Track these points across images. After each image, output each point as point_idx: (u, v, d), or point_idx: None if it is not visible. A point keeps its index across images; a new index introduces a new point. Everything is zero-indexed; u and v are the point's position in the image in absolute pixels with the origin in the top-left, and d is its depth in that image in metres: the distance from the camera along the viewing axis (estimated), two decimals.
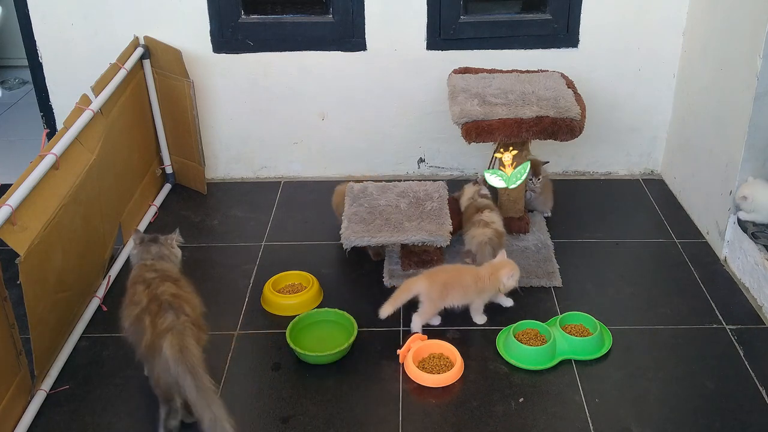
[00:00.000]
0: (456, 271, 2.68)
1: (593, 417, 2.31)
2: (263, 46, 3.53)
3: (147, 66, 3.41)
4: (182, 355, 2.11)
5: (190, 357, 2.11)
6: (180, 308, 2.24)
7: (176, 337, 2.14)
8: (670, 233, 3.28)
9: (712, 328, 2.69)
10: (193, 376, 2.08)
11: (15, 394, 2.27)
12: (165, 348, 2.12)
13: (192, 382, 2.07)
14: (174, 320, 2.19)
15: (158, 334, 2.16)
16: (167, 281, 2.33)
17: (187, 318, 2.22)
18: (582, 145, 3.67)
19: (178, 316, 2.20)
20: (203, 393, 2.07)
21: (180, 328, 2.17)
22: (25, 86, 5.07)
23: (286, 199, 3.63)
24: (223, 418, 2.05)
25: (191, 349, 2.13)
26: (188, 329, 2.19)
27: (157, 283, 2.31)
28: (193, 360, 2.11)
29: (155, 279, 2.33)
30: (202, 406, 2.06)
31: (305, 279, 2.92)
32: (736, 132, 2.92)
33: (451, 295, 2.63)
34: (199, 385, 2.07)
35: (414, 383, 2.45)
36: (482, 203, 2.99)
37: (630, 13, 3.45)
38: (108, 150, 2.94)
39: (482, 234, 2.85)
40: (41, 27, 3.47)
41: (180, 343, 2.13)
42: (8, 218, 2.20)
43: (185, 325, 2.19)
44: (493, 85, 3.17)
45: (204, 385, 2.08)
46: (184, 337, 2.16)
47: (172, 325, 2.17)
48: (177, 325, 2.18)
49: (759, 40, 2.73)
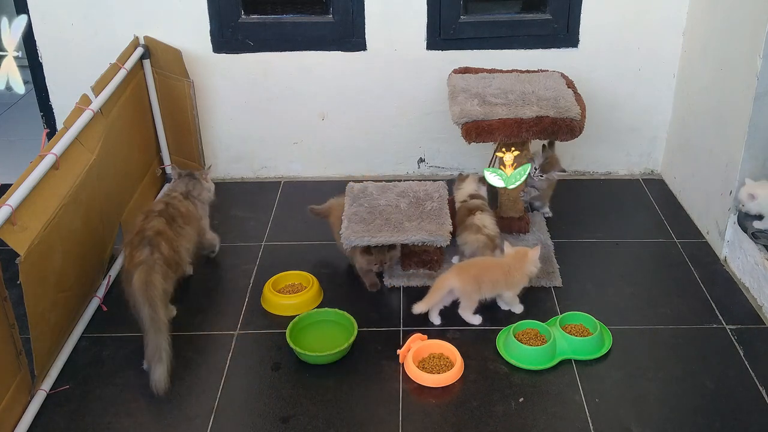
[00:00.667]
0: (484, 265, 2.71)
1: (593, 417, 2.31)
2: (263, 46, 3.53)
3: (147, 66, 3.41)
4: (146, 289, 2.44)
5: (152, 291, 2.44)
6: (157, 245, 2.56)
7: (144, 272, 2.47)
8: (670, 233, 3.28)
9: (712, 328, 2.69)
10: (150, 307, 2.41)
11: (15, 394, 2.27)
12: (134, 281, 2.45)
13: (148, 313, 2.40)
14: (148, 256, 2.52)
15: (133, 265, 2.50)
16: (162, 217, 2.67)
17: (161, 256, 2.55)
18: (582, 145, 3.67)
19: (152, 252, 2.53)
20: (155, 324, 2.39)
21: (150, 263, 2.50)
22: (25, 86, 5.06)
23: (286, 199, 3.63)
24: (163, 348, 2.38)
25: (155, 284, 2.46)
26: (158, 265, 2.51)
27: (152, 217, 2.65)
28: (153, 294, 2.43)
29: (153, 213, 2.68)
30: (150, 334, 2.39)
31: (305, 279, 2.92)
32: (736, 132, 2.92)
33: (483, 289, 2.67)
34: (153, 316, 2.40)
35: (414, 383, 2.45)
36: (474, 204, 2.98)
37: (630, 13, 3.45)
38: (108, 150, 2.94)
39: (475, 240, 2.86)
40: (41, 27, 3.47)
41: (146, 278, 2.46)
42: (8, 218, 2.20)
43: (156, 262, 2.52)
44: (493, 85, 3.17)
45: (158, 318, 2.40)
46: (152, 272, 2.48)
47: (144, 260, 2.50)
48: (149, 260, 2.51)
49: (759, 40, 2.73)
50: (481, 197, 3.04)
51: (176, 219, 2.74)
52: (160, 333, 2.39)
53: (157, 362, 2.37)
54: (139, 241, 2.57)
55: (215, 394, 2.42)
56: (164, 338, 2.39)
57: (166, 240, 2.62)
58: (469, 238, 2.88)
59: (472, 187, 3.07)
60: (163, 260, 2.56)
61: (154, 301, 2.42)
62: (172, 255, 2.62)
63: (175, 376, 2.49)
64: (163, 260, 2.55)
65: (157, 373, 2.37)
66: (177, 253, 2.68)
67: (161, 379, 2.37)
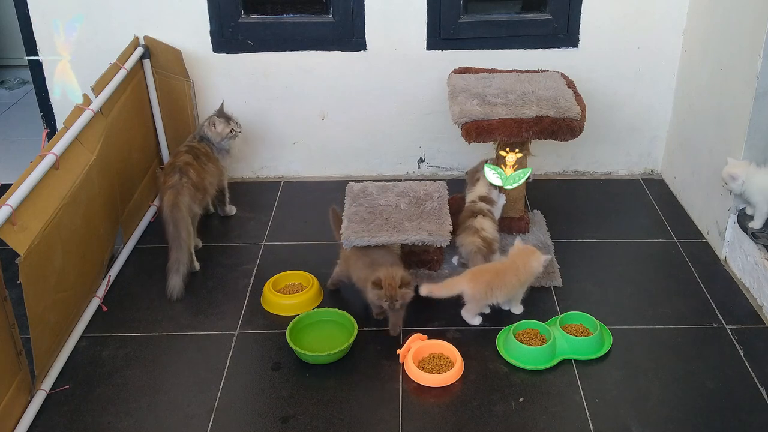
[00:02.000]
0: (497, 271, 2.70)
1: (593, 417, 2.31)
2: (263, 46, 3.53)
3: (147, 66, 3.41)
4: (172, 210, 2.84)
5: (176, 213, 2.84)
6: (186, 172, 2.96)
7: (172, 195, 2.87)
8: (670, 233, 3.28)
9: (712, 328, 2.69)
10: (174, 227, 2.82)
11: (15, 394, 2.27)
12: (164, 201, 2.88)
13: (171, 231, 2.82)
14: (177, 180, 2.91)
15: (165, 188, 2.91)
16: (189, 154, 3.06)
17: (189, 180, 2.94)
18: (582, 145, 3.67)
19: (181, 177, 2.92)
20: (176, 242, 2.81)
21: (178, 187, 2.89)
22: (25, 86, 5.07)
23: (286, 199, 3.63)
24: (182, 262, 2.81)
25: (180, 206, 2.86)
26: (186, 188, 2.91)
27: (181, 154, 3.06)
28: (177, 215, 2.84)
29: (182, 152, 3.07)
30: (173, 250, 2.82)
31: (305, 279, 2.92)
32: (736, 132, 2.92)
33: (495, 295, 2.67)
34: (175, 235, 2.82)
35: (414, 383, 2.45)
36: (479, 207, 2.96)
37: (630, 13, 3.46)
38: (108, 150, 2.94)
39: (471, 243, 2.85)
40: (41, 27, 3.47)
41: (174, 200, 2.86)
42: (8, 218, 2.20)
43: (184, 185, 2.91)
44: (493, 84, 3.18)
45: (179, 236, 2.82)
46: (179, 195, 2.87)
47: (173, 184, 2.89)
48: (177, 184, 2.90)
49: (759, 40, 2.73)
50: (490, 201, 3.01)
51: (200, 157, 3.11)
52: (180, 250, 2.80)
53: (174, 273, 2.79)
54: (171, 169, 2.97)
55: (215, 393, 2.42)
56: (184, 254, 2.81)
57: (194, 169, 3.01)
58: (466, 240, 2.87)
59: (483, 190, 3.04)
60: (192, 184, 2.95)
61: (177, 222, 2.82)
62: (199, 181, 3.01)
63: (176, 376, 2.49)
64: (191, 183, 2.94)
65: (173, 282, 2.79)
66: (203, 181, 3.06)
67: (175, 286, 2.79)
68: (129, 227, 3.22)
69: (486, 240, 2.86)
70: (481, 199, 3.00)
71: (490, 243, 2.87)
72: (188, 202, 2.91)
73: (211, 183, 3.16)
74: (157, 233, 3.30)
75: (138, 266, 3.09)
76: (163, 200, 2.89)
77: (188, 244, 2.86)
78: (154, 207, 3.48)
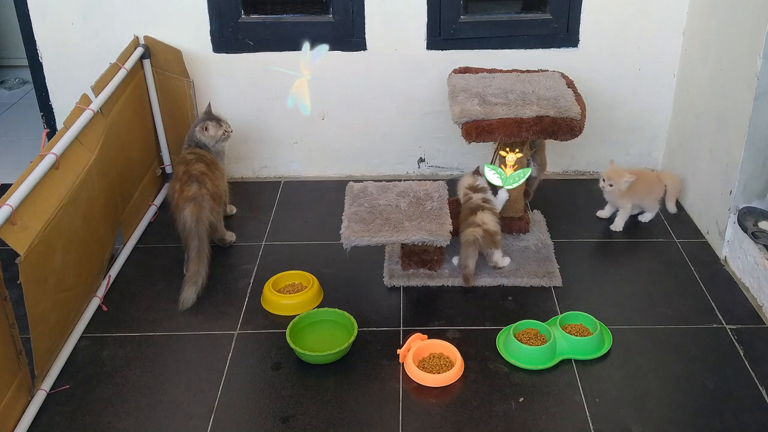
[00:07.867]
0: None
1: (593, 417, 2.31)
2: (263, 46, 3.53)
3: (147, 66, 3.41)
4: (197, 224, 2.85)
5: (201, 227, 2.86)
6: (203, 182, 2.94)
7: (196, 208, 2.87)
8: (670, 233, 3.28)
9: (712, 328, 2.69)
10: (199, 240, 2.84)
11: (15, 394, 2.27)
12: (186, 214, 2.86)
13: (197, 245, 2.84)
14: (197, 191, 2.90)
15: (183, 199, 2.89)
16: (201, 162, 3.02)
17: (207, 191, 2.93)
18: (582, 145, 3.67)
19: (200, 188, 2.91)
20: (200, 255, 2.83)
21: (200, 200, 2.89)
22: (25, 86, 5.07)
23: (286, 199, 3.63)
24: (200, 275, 2.82)
25: (204, 220, 2.87)
26: (206, 200, 2.91)
27: (193, 162, 3.01)
28: (202, 229, 2.86)
29: (192, 160, 3.03)
30: (194, 262, 2.83)
31: (305, 279, 2.92)
32: (736, 132, 2.92)
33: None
34: (200, 249, 2.84)
35: (414, 383, 2.45)
36: (474, 203, 2.96)
37: (630, 13, 3.45)
38: (108, 150, 2.94)
39: (471, 233, 2.85)
40: (41, 27, 3.47)
41: (198, 214, 2.86)
42: (8, 218, 2.20)
43: (204, 197, 2.90)
44: (493, 84, 3.17)
45: (203, 250, 2.85)
46: (202, 209, 2.88)
47: (194, 195, 2.89)
48: (197, 196, 2.89)
49: (759, 40, 2.73)
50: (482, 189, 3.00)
51: (209, 164, 3.08)
52: (202, 263, 2.83)
53: (192, 284, 2.80)
54: (187, 178, 2.94)
55: (215, 393, 2.42)
56: (204, 267, 2.84)
57: (209, 178, 3.00)
58: (467, 230, 2.87)
59: (469, 180, 3.03)
60: (210, 195, 2.95)
61: (202, 236, 2.85)
62: (215, 190, 3.01)
63: (176, 376, 2.49)
64: (209, 195, 2.94)
65: (187, 293, 2.79)
66: (219, 189, 3.06)
67: (189, 299, 2.79)
68: (129, 227, 3.22)
69: (488, 232, 2.85)
70: (471, 189, 3.00)
71: (492, 234, 2.87)
72: (208, 215, 2.91)
73: (225, 191, 3.19)
74: (157, 233, 3.31)
75: (138, 266, 3.09)
76: (185, 212, 2.86)
77: (209, 257, 2.88)
78: (154, 207, 3.48)
